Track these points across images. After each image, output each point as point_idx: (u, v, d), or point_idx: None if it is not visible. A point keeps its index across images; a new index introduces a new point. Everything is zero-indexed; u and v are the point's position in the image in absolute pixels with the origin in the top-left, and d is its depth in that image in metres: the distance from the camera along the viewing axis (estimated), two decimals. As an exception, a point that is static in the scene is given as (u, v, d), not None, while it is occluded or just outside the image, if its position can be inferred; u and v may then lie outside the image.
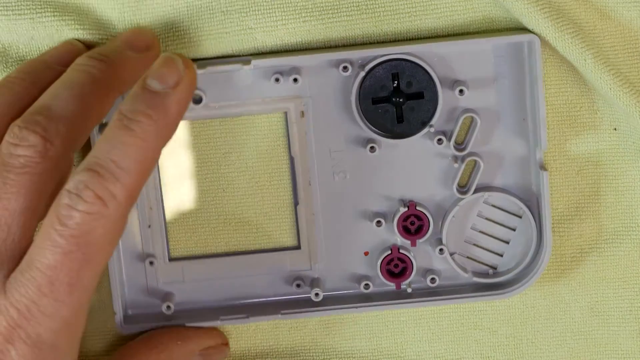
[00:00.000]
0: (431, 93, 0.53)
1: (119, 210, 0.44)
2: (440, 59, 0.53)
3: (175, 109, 0.46)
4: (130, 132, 0.45)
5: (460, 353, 0.58)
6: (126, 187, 0.44)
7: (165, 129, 0.46)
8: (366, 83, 0.53)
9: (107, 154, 0.44)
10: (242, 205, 0.56)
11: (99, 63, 0.49)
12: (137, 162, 0.44)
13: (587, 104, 0.54)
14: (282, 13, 0.53)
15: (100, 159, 0.44)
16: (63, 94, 0.47)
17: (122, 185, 0.44)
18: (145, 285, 0.56)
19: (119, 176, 0.44)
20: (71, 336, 0.45)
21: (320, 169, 0.55)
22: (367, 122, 0.53)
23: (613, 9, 0.53)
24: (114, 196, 0.43)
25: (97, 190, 0.43)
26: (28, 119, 0.46)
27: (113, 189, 0.43)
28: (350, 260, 0.56)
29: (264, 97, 0.53)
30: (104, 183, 0.43)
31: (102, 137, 0.45)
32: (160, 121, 0.45)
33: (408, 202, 0.55)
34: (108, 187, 0.43)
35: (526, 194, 0.55)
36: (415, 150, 0.54)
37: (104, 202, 0.43)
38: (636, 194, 0.56)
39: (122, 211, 0.44)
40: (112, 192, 0.43)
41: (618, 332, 0.58)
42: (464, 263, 0.56)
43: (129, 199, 0.44)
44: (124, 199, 0.44)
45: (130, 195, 0.44)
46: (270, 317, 0.56)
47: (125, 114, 0.45)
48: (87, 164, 0.44)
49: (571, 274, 0.57)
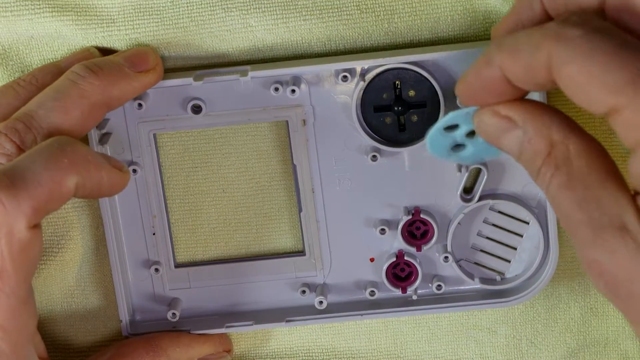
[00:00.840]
0: (433, 101, 0.52)
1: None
2: (442, 67, 0.52)
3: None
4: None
5: (459, 353, 0.58)
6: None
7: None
8: (367, 92, 0.52)
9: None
10: (247, 211, 0.56)
11: (91, 75, 0.48)
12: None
13: None
14: (283, 11, 0.52)
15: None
16: (48, 103, 0.48)
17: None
18: (152, 291, 0.56)
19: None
20: (11, 340, 0.45)
21: (324, 176, 0.54)
22: (369, 130, 0.53)
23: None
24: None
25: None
26: (9, 125, 0.47)
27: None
28: (356, 267, 0.56)
29: (264, 106, 0.53)
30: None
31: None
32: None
33: (413, 209, 0.54)
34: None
35: (532, 202, 0.54)
36: (417, 158, 0.54)
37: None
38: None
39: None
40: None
41: (617, 332, 0.57)
42: (471, 269, 0.56)
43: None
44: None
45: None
46: (275, 324, 0.56)
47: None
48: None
49: (571, 274, 0.56)
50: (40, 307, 0.56)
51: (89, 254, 0.56)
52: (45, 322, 0.57)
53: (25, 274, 0.45)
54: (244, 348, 0.58)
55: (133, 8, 0.52)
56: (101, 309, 0.57)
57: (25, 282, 0.45)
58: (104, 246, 0.56)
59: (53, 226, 0.55)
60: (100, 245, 0.56)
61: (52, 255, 0.55)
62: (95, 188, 0.46)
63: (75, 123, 0.48)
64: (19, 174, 0.44)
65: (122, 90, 0.49)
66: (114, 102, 0.49)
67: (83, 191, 0.46)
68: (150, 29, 0.52)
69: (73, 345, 0.57)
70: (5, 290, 0.44)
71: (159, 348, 0.55)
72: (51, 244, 0.55)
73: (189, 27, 0.52)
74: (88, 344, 0.57)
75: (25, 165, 0.44)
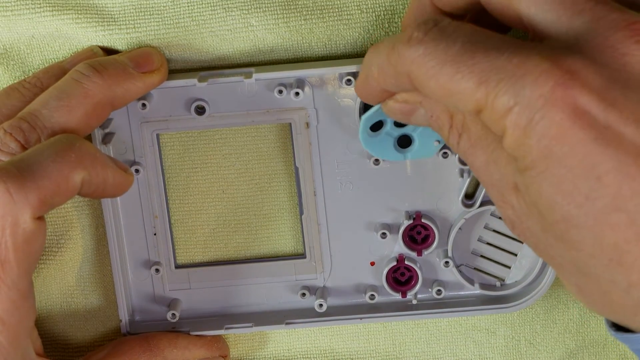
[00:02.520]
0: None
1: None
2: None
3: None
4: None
5: (458, 354, 0.58)
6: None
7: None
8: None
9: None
10: (248, 213, 0.56)
11: (95, 74, 0.48)
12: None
13: None
14: (284, 11, 0.52)
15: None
16: (52, 102, 0.48)
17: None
18: (152, 292, 0.56)
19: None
20: (9, 333, 0.46)
21: (326, 179, 0.54)
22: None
23: None
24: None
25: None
26: (14, 125, 0.47)
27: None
28: (356, 270, 0.56)
29: (268, 108, 0.53)
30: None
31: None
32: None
33: (414, 213, 0.54)
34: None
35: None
36: (420, 163, 0.54)
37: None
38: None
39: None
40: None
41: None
42: (471, 274, 0.56)
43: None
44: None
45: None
46: (275, 326, 0.56)
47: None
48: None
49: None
50: (39, 306, 0.56)
51: (89, 254, 0.56)
52: (45, 321, 0.57)
53: (27, 267, 0.45)
54: (241, 350, 0.58)
55: (134, 7, 0.52)
56: (101, 308, 0.57)
57: (27, 275, 0.45)
58: (104, 246, 0.56)
59: (53, 225, 0.55)
60: (100, 245, 0.56)
61: (52, 254, 0.55)
62: (101, 186, 0.46)
63: (79, 122, 0.48)
64: (27, 166, 0.44)
65: (126, 90, 0.49)
66: (117, 102, 0.49)
67: (88, 188, 0.46)
68: (151, 28, 0.52)
69: (72, 345, 0.57)
70: (7, 282, 0.44)
71: (156, 348, 0.55)
72: (51, 243, 0.55)
73: (189, 27, 0.52)
74: (87, 343, 0.57)
75: (34, 158, 0.44)
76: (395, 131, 0.51)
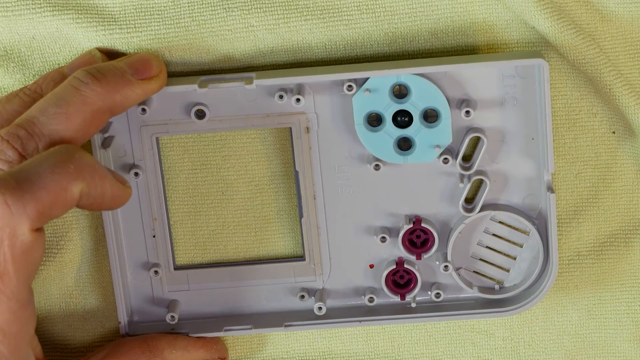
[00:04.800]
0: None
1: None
2: (447, 79, 0.52)
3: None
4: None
5: (457, 356, 0.59)
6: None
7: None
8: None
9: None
10: (247, 215, 0.56)
11: (93, 81, 0.48)
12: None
13: (586, 107, 0.54)
14: (284, 11, 0.52)
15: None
16: (50, 110, 0.47)
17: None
18: (151, 293, 0.56)
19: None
20: (10, 343, 0.46)
21: (325, 183, 0.54)
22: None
23: (614, 10, 0.52)
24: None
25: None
26: (11, 132, 0.46)
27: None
28: (355, 273, 0.56)
29: (268, 113, 0.53)
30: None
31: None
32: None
33: (414, 217, 0.54)
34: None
35: (533, 213, 0.54)
36: (420, 168, 0.54)
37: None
38: (634, 197, 0.55)
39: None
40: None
41: (615, 335, 0.58)
42: (470, 277, 0.56)
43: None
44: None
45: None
46: (274, 329, 0.56)
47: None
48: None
49: (568, 276, 0.57)
50: (38, 307, 0.56)
51: (88, 255, 0.56)
52: (44, 322, 0.57)
53: (26, 277, 0.45)
54: (240, 352, 0.58)
55: (134, 7, 0.52)
56: (100, 310, 0.57)
57: (26, 285, 0.45)
58: (103, 247, 0.56)
59: (52, 227, 0.55)
60: (99, 246, 0.56)
61: (51, 256, 0.55)
62: (99, 198, 0.46)
63: (77, 130, 0.47)
64: (25, 177, 0.44)
65: (124, 98, 0.49)
66: (116, 108, 0.49)
67: (87, 200, 0.46)
68: (152, 28, 0.52)
69: (71, 346, 0.57)
70: (6, 293, 0.44)
71: (155, 349, 0.55)
72: (50, 244, 0.55)
73: (190, 27, 0.52)
74: (86, 344, 0.57)
75: (32, 169, 0.44)
76: (395, 131, 0.51)
